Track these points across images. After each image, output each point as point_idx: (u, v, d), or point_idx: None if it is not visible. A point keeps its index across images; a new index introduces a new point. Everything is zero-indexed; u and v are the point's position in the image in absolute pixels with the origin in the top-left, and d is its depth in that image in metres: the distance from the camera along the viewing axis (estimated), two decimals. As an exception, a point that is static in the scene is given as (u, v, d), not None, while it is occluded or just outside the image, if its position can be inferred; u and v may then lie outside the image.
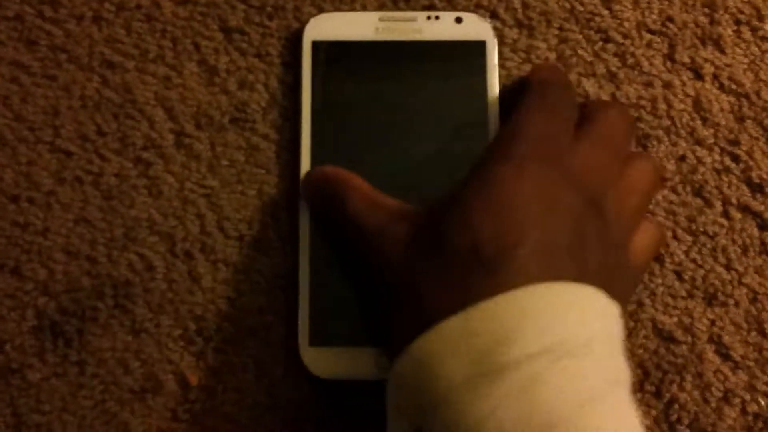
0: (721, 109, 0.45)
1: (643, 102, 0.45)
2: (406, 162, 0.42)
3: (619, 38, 0.46)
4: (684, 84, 0.46)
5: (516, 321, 0.32)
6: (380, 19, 0.44)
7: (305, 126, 0.43)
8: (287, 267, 0.44)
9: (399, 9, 0.46)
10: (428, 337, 0.33)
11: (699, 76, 0.46)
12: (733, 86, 0.45)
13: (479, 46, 0.44)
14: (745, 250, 0.44)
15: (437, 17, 0.44)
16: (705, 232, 0.44)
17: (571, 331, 0.32)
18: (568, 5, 0.46)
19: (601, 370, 0.32)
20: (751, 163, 0.45)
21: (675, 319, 0.43)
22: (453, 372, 0.32)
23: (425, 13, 0.44)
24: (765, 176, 0.44)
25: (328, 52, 0.44)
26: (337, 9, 0.46)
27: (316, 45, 0.44)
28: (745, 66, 0.46)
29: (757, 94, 0.45)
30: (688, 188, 0.45)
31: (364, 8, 0.46)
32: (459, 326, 0.32)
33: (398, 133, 0.43)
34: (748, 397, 0.43)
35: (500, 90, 0.44)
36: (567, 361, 0.31)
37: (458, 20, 0.44)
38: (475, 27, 0.44)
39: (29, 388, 0.43)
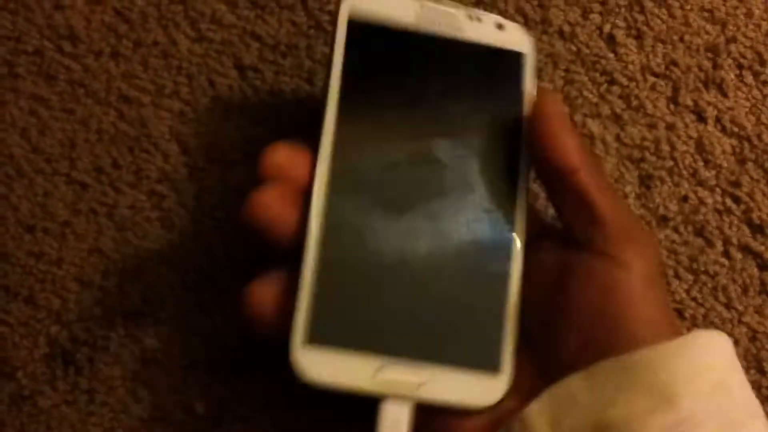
0: (723, 152, 0.46)
1: (646, 143, 0.46)
2: (429, 158, 0.40)
3: (623, 81, 0.47)
4: (687, 126, 0.46)
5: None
6: (422, 7, 0.41)
7: (331, 106, 0.39)
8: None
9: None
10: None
11: (702, 118, 0.47)
12: (735, 129, 0.46)
13: (518, 57, 0.41)
14: (745, 290, 0.45)
15: (479, 19, 0.41)
16: (706, 272, 0.45)
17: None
18: (574, 48, 0.47)
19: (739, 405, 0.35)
20: (752, 204, 0.45)
21: (676, 358, 0.44)
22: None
23: (467, 11, 0.41)
24: (765, 217, 0.45)
25: (364, 33, 0.41)
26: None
27: (353, 24, 0.40)
28: (747, 109, 0.47)
29: (759, 137, 0.46)
30: (690, 228, 0.45)
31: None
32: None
33: (424, 129, 0.40)
34: (748, 435, 0.43)
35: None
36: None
37: (499, 26, 0.41)
38: (516, 37, 0.41)
39: (40, 414, 0.44)
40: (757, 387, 0.44)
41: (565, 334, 0.37)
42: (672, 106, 0.47)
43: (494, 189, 0.40)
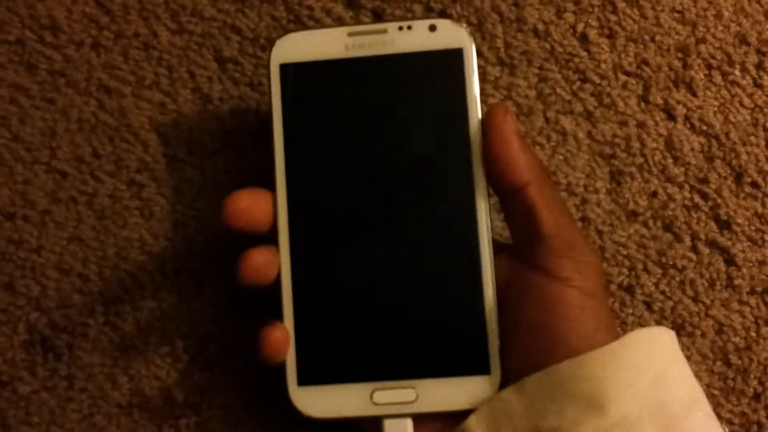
0: (692, 149, 0.47)
1: (617, 140, 0.47)
2: (385, 179, 0.41)
3: (596, 79, 0.48)
4: (657, 124, 0.48)
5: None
6: (349, 35, 0.41)
7: (278, 152, 0.41)
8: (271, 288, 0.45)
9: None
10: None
11: (671, 117, 0.48)
12: (704, 127, 0.47)
13: (456, 54, 0.41)
14: (712, 284, 0.46)
15: (410, 27, 0.41)
16: (674, 266, 0.46)
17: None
18: (548, 46, 0.48)
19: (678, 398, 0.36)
20: (719, 200, 0.47)
21: (644, 349, 0.45)
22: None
23: (396, 24, 0.41)
24: (732, 213, 0.46)
25: (297, 74, 0.41)
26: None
27: (285, 68, 0.41)
28: (716, 108, 0.48)
29: (727, 135, 0.47)
30: (659, 223, 0.47)
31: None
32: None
33: (376, 152, 0.41)
34: (712, 425, 0.44)
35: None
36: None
37: (432, 28, 0.41)
38: (450, 34, 0.41)
39: (19, 400, 0.44)
40: (723, 378, 0.45)
41: (509, 348, 0.39)
42: (642, 105, 0.48)
43: (453, 194, 0.40)
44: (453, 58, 0.41)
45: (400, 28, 0.41)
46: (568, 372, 0.36)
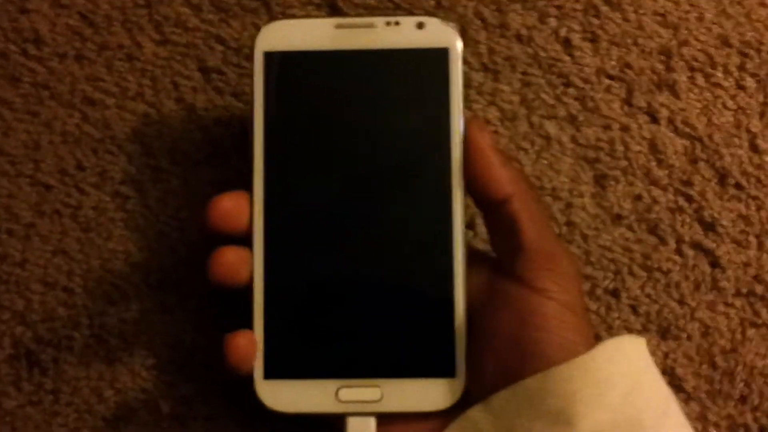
0: (676, 152, 0.47)
1: (601, 144, 0.47)
2: (365, 174, 0.40)
3: (579, 83, 0.48)
4: (640, 127, 0.48)
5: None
6: (337, 27, 0.41)
7: (257, 144, 0.40)
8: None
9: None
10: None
11: (655, 119, 0.48)
12: (687, 130, 0.48)
13: (442, 53, 0.40)
14: (697, 286, 0.46)
15: (397, 23, 0.41)
16: (659, 269, 0.46)
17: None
18: (531, 51, 0.48)
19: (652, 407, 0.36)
20: (703, 203, 0.47)
21: (631, 352, 0.45)
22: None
23: (384, 19, 0.41)
24: (716, 216, 0.46)
25: (281, 63, 0.41)
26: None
27: (269, 56, 0.41)
28: (699, 111, 0.48)
29: (710, 137, 0.47)
30: (644, 226, 0.47)
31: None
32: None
33: (355, 148, 0.40)
34: (700, 427, 0.45)
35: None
36: None
37: (420, 25, 0.40)
38: (437, 33, 0.40)
39: (5, 415, 0.44)
40: (709, 381, 0.45)
41: (485, 359, 0.39)
42: (626, 108, 0.48)
43: (430, 195, 0.40)
44: (439, 56, 0.40)
45: (388, 24, 0.41)
46: (535, 387, 0.36)
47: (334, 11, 0.49)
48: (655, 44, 0.48)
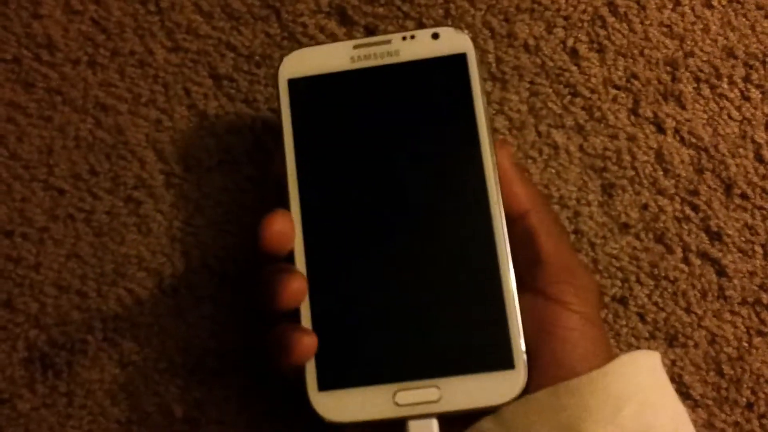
0: (682, 162, 0.48)
1: (608, 153, 0.48)
2: (398, 185, 0.41)
3: (586, 93, 0.49)
4: (647, 137, 0.48)
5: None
6: (355, 47, 0.42)
7: (290, 169, 0.41)
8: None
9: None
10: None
11: (661, 129, 0.48)
12: (693, 140, 0.48)
13: (459, 60, 0.41)
14: (704, 295, 0.47)
15: (413, 36, 0.42)
16: (666, 277, 0.47)
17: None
18: (539, 61, 0.49)
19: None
20: (709, 212, 0.47)
21: (637, 359, 0.46)
22: None
23: (400, 34, 0.42)
24: (722, 225, 0.47)
25: (306, 88, 0.42)
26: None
27: (293, 83, 0.42)
28: (705, 121, 0.48)
29: (716, 147, 0.48)
30: (651, 235, 0.47)
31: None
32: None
33: (386, 160, 0.41)
34: (706, 434, 0.45)
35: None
36: None
37: (435, 36, 0.42)
38: (452, 40, 0.41)
39: (19, 417, 0.45)
40: (716, 389, 0.46)
41: None
42: (633, 118, 0.49)
43: (467, 192, 0.40)
44: (457, 63, 0.41)
45: (404, 38, 0.42)
46: (546, 401, 0.36)
47: (344, 20, 0.49)
48: (661, 55, 0.49)
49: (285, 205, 0.40)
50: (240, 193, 0.47)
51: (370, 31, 0.49)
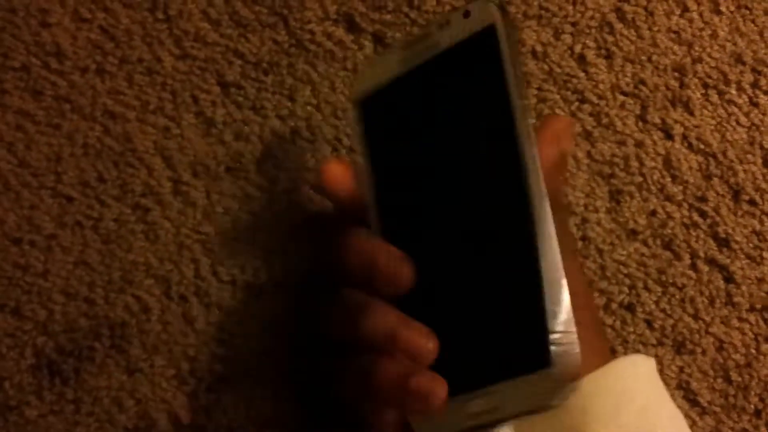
0: (690, 168, 0.48)
1: (616, 159, 0.48)
2: (454, 179, 0.39)
3: (594, 99, 0.49)
4: (655, 143, 0.48)
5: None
6: (402, 48, 0.41)
7: (370, 186, 0.41)
8: (278, 311, 0.46)
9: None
10: None
11: (669, 136, 0.48)
12: (701, 146, 0.48)
13: (490, 32, 0.39)
14: (711, 301, 0.47)
15: (448, 22, 0.40)
16: (674, 284, 0.47)
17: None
18: (546, 67, 0.49)
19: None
20: (717, 218, 0.47)
21: (645, 366, 0.46)
22: None
23: (436, 23, 0.40)
24: (730, 231, 0.47)
25: (373, 105, 0.42)
26: (329, 66, 0.49)
27: (360, 104, 0.42)
28: (713, 127, 0.48)
29: (724, 153, 0.48)
30: (659, 241, 0.47)
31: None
32: None
33: (449, 154, 0.40)
34: (714, 441, 0.45)
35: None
36: None
37: (466, 15, 0.39)
38: (482, 15, 0.39)
39: (26, 424, 0.45)
40: (724, 395, 0.46)
41: None
42: (640, 124, 0.48)
43: (507, 187, 0.38)
44: (488, 36, 0.39)
45: (441, 26, 0.40)
46: None
47: (352, 27, 0.49)
48: (669, 61, 0.49)
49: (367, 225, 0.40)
50: (248, 200, 0.47)
51: (378, 38, 0.49)
